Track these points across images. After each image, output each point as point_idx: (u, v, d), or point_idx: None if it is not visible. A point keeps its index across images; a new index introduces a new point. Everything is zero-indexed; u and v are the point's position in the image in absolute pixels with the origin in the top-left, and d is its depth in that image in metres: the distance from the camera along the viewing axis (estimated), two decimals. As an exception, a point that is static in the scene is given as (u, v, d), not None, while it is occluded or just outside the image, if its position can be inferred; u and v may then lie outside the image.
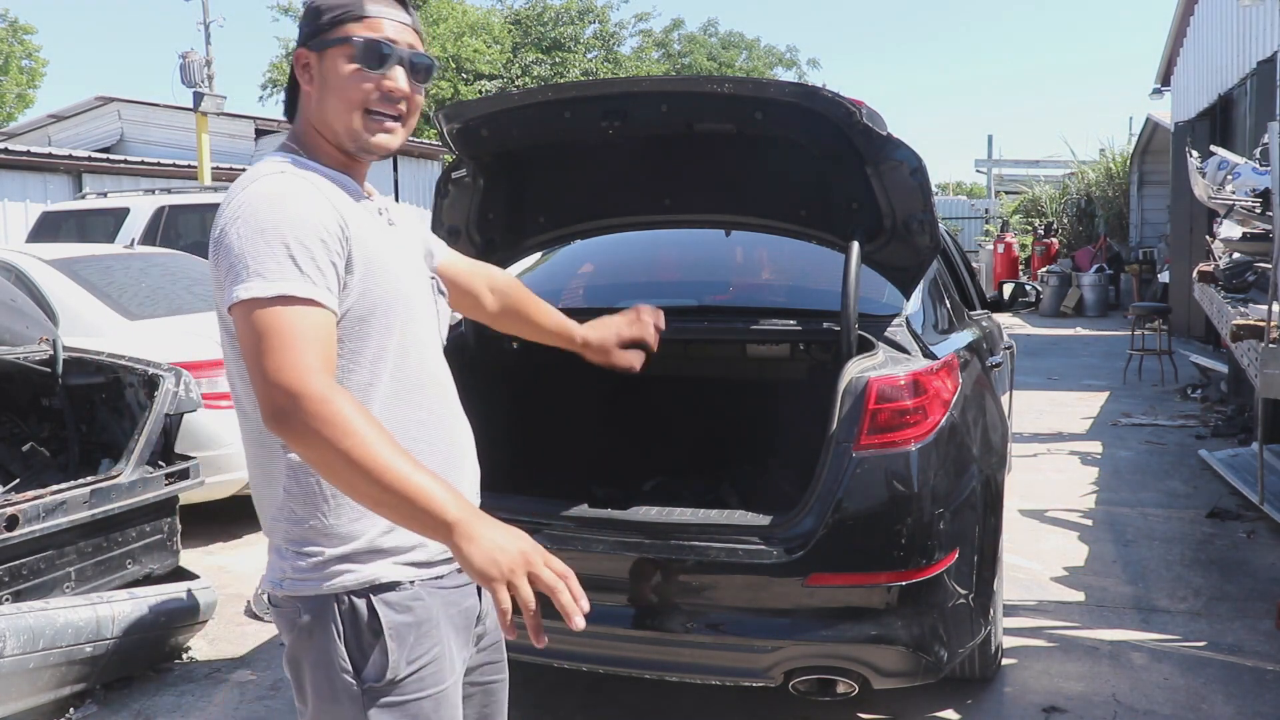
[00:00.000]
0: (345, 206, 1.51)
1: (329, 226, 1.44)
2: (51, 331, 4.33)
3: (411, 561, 1.55)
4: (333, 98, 1.54)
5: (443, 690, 1.56)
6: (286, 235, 1.40)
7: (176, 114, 16.85)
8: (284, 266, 1.38)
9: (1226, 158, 6.85)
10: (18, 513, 3.28)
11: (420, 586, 1.55)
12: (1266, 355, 4.20)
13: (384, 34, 1.53)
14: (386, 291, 1.52)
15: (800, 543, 2.64)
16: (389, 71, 1.53)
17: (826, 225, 3.18)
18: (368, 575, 1.51)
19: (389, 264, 1.54)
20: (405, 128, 1.60)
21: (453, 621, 1.61)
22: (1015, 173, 28.23)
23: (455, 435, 1.66)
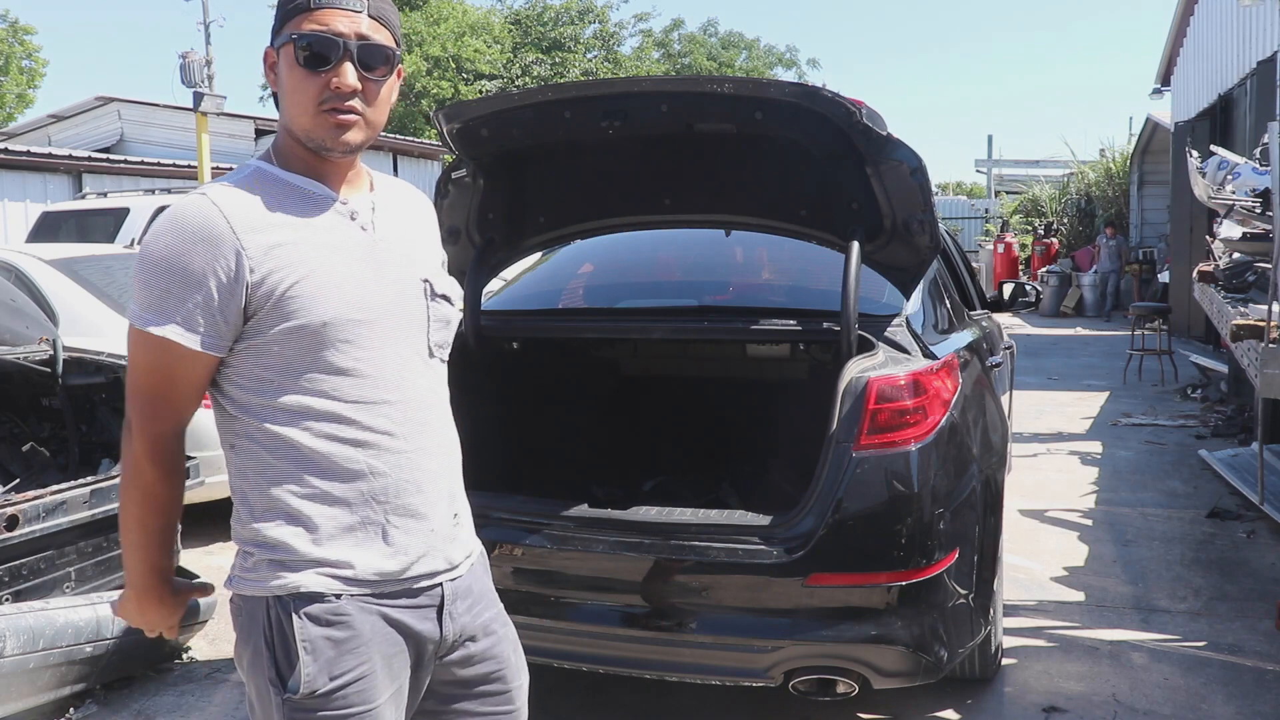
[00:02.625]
0: (269, 229, 1.46)
1: (218, 269, 1.43)
2: (51, 331, 4.33)
3: (339, 576, 1.51)
4: (287, 99, 1.51)
5: (370, 710, 1.51)
6: (171, 275, 1.43)
7: (176, 114, 16.85)
8: (154, 300, 1.44)
9: (1226, 158, 6.85)
10: (18, 513, 3.28)
11: (349, 601, 1.50)
12: (1266, 355, 4.20)
13: (329, 27, 1.46)
14: (312, 313, 1.46)
15: (800, 543, 2.64)
16: (336, 69, 1.47)
17: (826, 225, 3.18)
18: (292, 583, 1.50)
19: (326, 281, 1.48)
20: (369, 121, 1.53)
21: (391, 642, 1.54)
22: (1015, 173, 28.22)
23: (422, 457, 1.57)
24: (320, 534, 1.51)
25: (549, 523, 2.84)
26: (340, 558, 1.51)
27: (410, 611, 1.56)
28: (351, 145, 1.52)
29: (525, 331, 3.43)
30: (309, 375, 1.48)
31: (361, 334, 1.50)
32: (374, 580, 1.53)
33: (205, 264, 1.42)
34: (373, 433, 1.52)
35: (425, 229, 1.71)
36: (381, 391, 1.52)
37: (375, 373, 1.52)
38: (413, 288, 1.59)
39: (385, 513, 1.53)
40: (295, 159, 1.55)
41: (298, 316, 1.46)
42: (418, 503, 1.56)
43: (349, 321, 1.49)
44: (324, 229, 1.52)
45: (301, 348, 1.47)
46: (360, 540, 1.52)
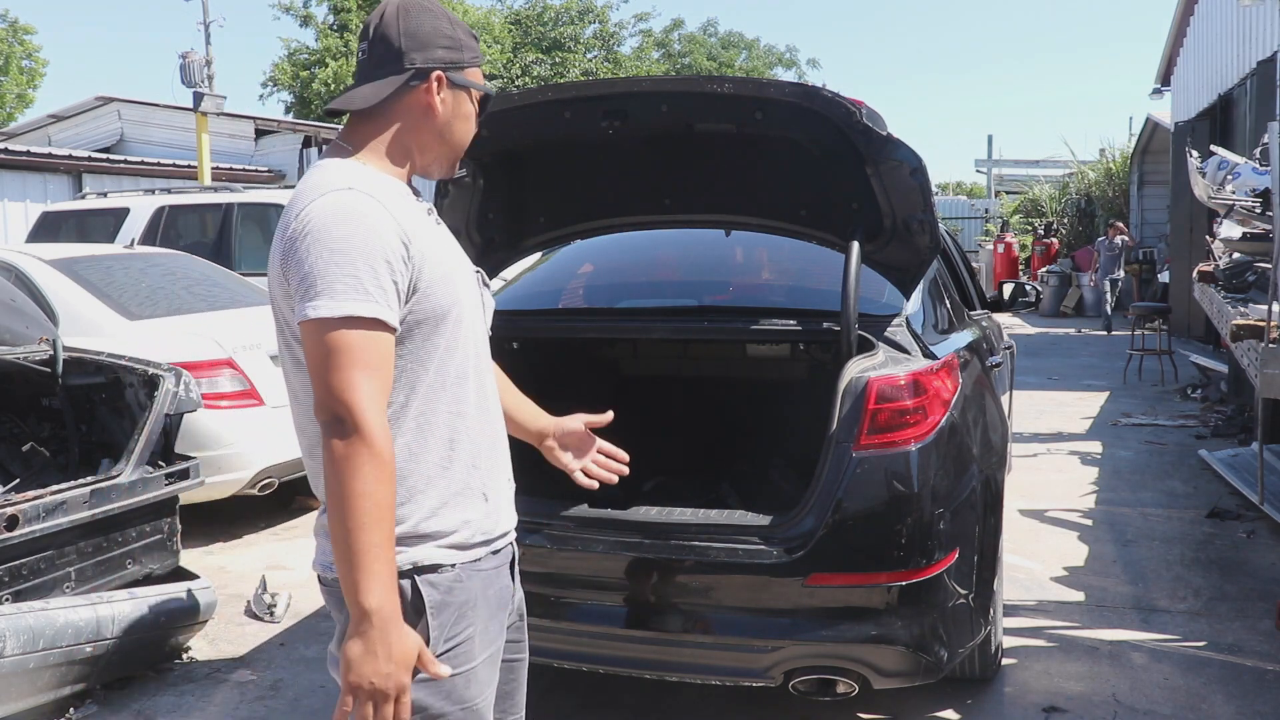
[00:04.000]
0: (408, 219, 1.59)
1: (393, 247, 1.53)
2: (51, 331, 4.33)
3: (453, 544, 1.63)
4: (462, 126, 1.71)
5: (473, 668, 1.64)
6: (355, 256, 1.49)
7: (176, 114, 16.86)
8: (351, 288, 1.48)
9: (1226, 158, 6.85)
10: (18, 513, 3.28)
11: (461, 569, 1.63)
12: (1266, 355, 4.20)
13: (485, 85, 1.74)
14: (444, 296, 1.61)
15: (800, 543, 2.64)
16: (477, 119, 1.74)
17: (826, 225, 3.18)
18: (412, 558, 1.59)
19: (445, 267, 1.63)
20: None
21: (489, 602, 1.69)
22: (1015, 173, 28.24)
23: (497, 426, 1.75)
24: (434, 505, 1.62)
25: (549, 523, 2.84)
26: (449, 526, 1.63)
27: (499, 571, 1.72)
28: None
29: (525, 331, 3.43)
30: (435, 355, 1.61)
31: (463, 314, 1.65)
32: (474, 543, 1.66)
33: (384, 243, 1.52)
34: (468, 405, 1.66)
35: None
36: (476, 365, 1.69)
37: (471, 350, 1.68)
38: (476, 276, 1.77)
39: (481, 477, 1.68)
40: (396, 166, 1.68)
41: (435, 299, 1.59)
42: (500, 465, 1.74)
43: (460, 301, 1.65)
44: (428, 223, 1.67)
45: (433, 329, 1.60)
46: (465, 505, 1.65)
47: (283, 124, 18.60)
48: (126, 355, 4.24)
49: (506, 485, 1.78)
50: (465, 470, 1.65)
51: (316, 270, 1.48)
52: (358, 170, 1.60)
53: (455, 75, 1.68)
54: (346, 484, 1.44)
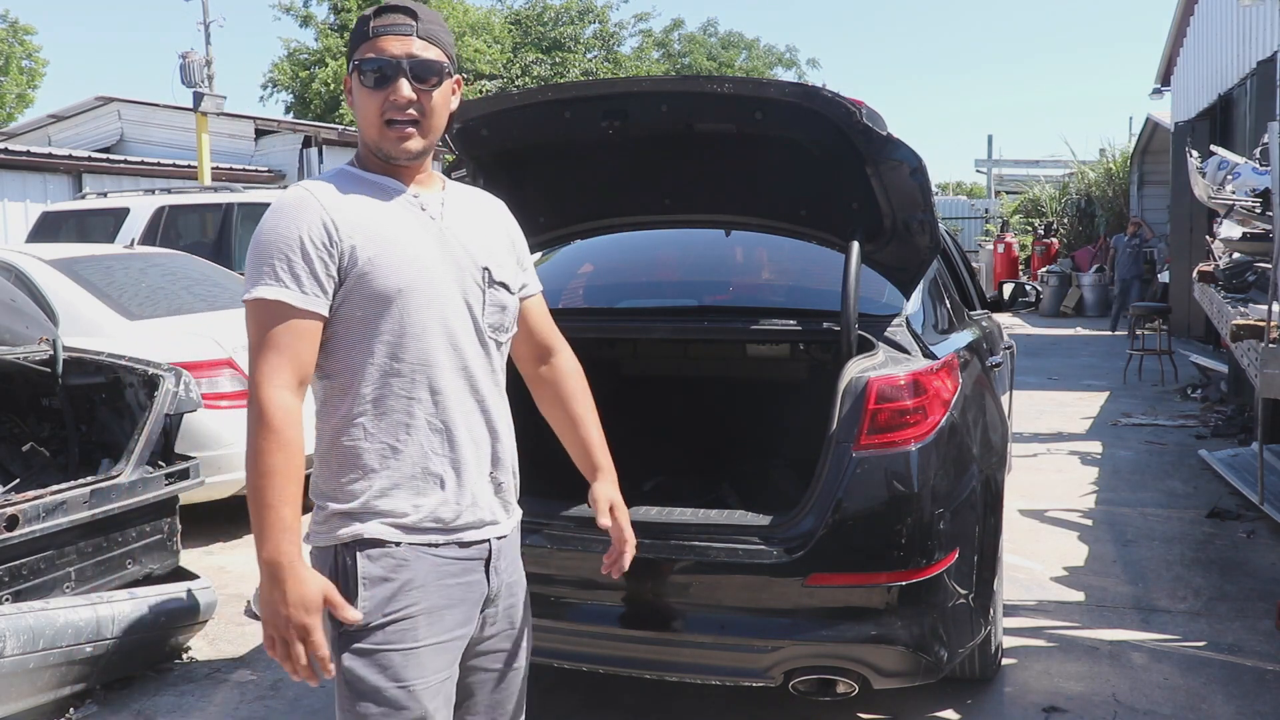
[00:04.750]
0: (349, 207, 1.69)
1: (313, 233, 1.65)
2: (51, 331, 4.33)
3: (401, 524, 1.70)
4: (359, 114, 1.76)
5: (415, 649, 1.69)
6: (271, 245, 1.66)
7: (176, 114, 16.85)
8: (264, 274, 1.64)
9: (1226, 158, 6.85)
10: (18, 513, 3.28)
11: (408, 549, 1.70)
12: (1266, 355, 4.20)
13: (386, 52, 1.71)
14: (387, 280, 1.67)
15: (800, 543, 2.64)
16: (393, 85, 1.71)
17: (826, 225, 3.18)
18: (356, 531, 1.69)
19: (400, 254, 1.69)
20: (426, 127, 1.75)
21: (445, 591, 1.73)
22: (1015, 173, 28.24)
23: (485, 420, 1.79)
24: (385, 483, 1.70)
25: (549, 522, 2.84)
26: (402, 506, 1.70)
27: (460, 563, 1.75)
28: (412, 152, 1.75)
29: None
30: (383, 337, 1.68)
31: (423, 301, 1.70)
32: (430, 528, 1.72)
33: (300, 231, 1.65)
34: (432, 391, 1.72)
35: (495, 229, 1.90)
36: (441, 356, 1.72)
37: (436, 339, 1.72)
38: (472, 271, 1.79)
39: (442, 464, 1.73)
40: (372, 164, 1.79)
41: (377, 281, 1.67)
42: (468, 456, 1.75)
43: (413, 288, 1.69)
44: (394, 211, 1.74)
45: (378, 311, 1.68)
46: (420, 489, 1.71)
47: (283, 124, 18.60)
48: (126, 355, 4.24)
49: (486, 481, 1.80)
50: (421, 455, 1.71)
51: (249, 259, 1.68)
52: (334, 170, 1.79)
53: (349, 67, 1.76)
54: (248, 449, 1.62)
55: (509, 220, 1.98)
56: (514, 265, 1.91)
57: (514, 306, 1.88)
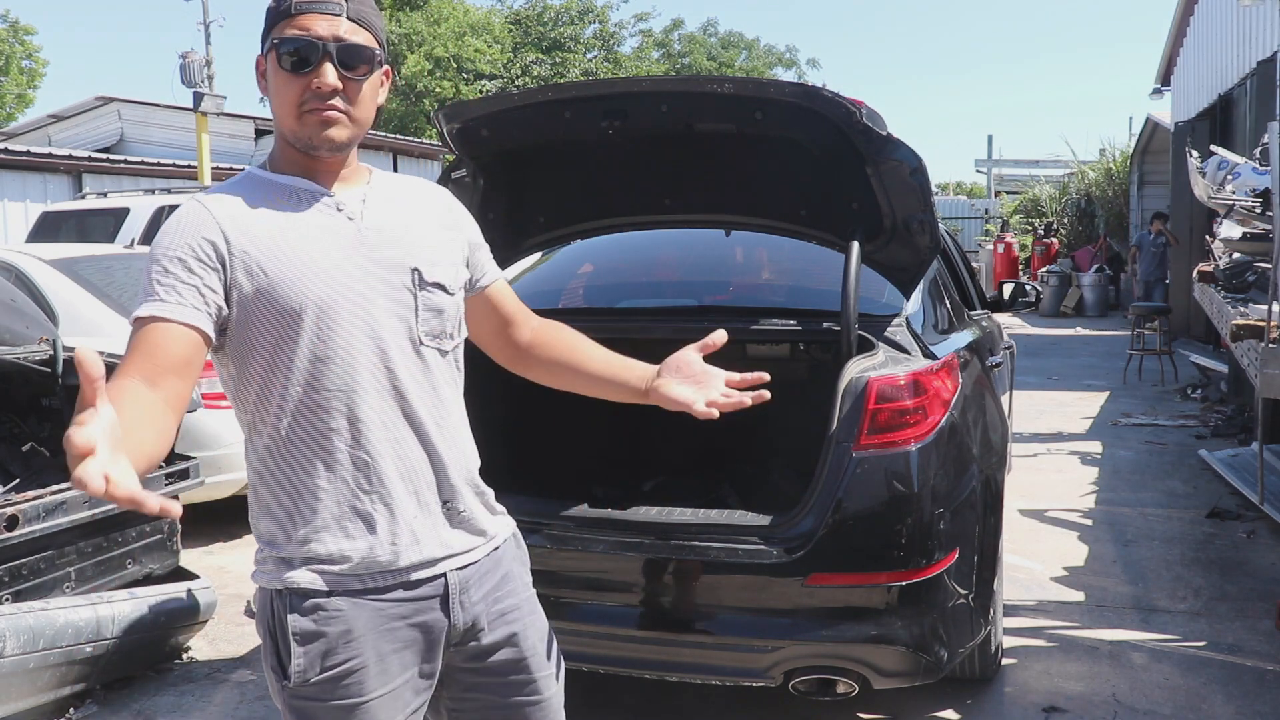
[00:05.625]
0: (250, 220, 1.51)
1: (196, 245, 1.47)
2: (51, 331, 4.33)
3: (330, 571, 1.54)
4: (274, 101, 1.55)
5: (364, 702, 1.54)
6: (153, 263, 1.48)
7: (176, 114, 16.86)
8: (145, 293, 1.47)
9: (1226, 158, 6.85)
10: (18, 513, 3.28)
11: (341, 598, 1.53)
12: (1266, 355, 4.20)
13: (310, 31, 1.50)
14: (290, 299, 1.49)
15: (800, 543, 2.64)
16: (316, 70, 1.50)
17: (826, 225, 3.18)
18: (284, 579, 1.54)
19: (305, 268, 1.50)
20: (354, 118, 1.55)
21: (393, 635, 1.56)
22: (1015, 173, 28.27)
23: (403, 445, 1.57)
24: (310, 527, 1.54)
25: (549, 523, 2.84)
26: (330, 551, 1.53)
27: (409, 604, 1.57)
28: (336, 142, 1.54)
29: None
30: (290, 363, 1.51)
31: (340, 319, 1.52)
32: (366, 573, 1.55)
33: (186, 246, 1.47)
34: (353, 420, 1.53)
35: (428, 223, 1.67)
36: (361, 378, 1.53)
37: (354, 359, 1.53)
38: (399, 275, 1.58)
39: (371, 501, 1.54)
40: (287, 162, 1.59)
41: (279, 300, 1.49)
42: (400, 490, 1.56)
43: (326, 306, 1.51)
44: (306, 219, 1.55)
45: (284, 333, 1.50)
46: (349, 530, 1.54)
47: (283, 124, 18.57)
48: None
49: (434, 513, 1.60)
50: (347, 493, 1.54)
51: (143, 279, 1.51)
52: (240, 175, 1.62)
53: (263, 47, 1.55)
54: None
55: (450, 209, 1.74)
56: (453, 261, 1.67)
57: (455, 308, 1.65)
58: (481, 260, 1.76)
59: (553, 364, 1.85)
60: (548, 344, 1.85)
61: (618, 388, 1.82)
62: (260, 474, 1.56)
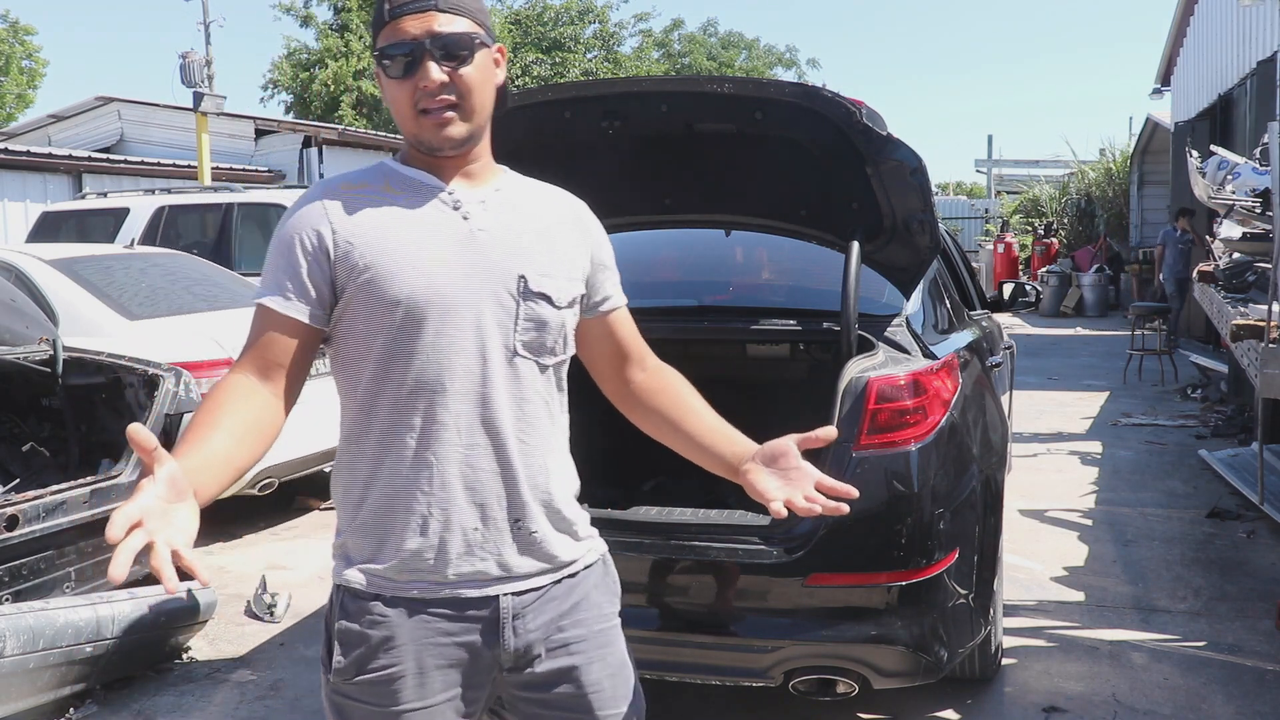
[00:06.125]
0: (359, 210, 1.53)
1: (305, 236, 1.51)
2: (51, 331, 4.33)
3: (374, 572, 1.53)
4: (392, 109, 1.57)
5: (398, 712, 1.52)
6: (271, 250, 1.55)
7: (176, 114, 16.84)
8: (264, 280, 1.55)
9: (1226, 158, 6.85)
10: (18, 513, 3.28)
11: (386, 604, 1.52)
12: (1266, 355, 4.20)
13: (407, 35, 1.50)
14: (387, 291, 1.49)
15: (800, 543, 2.64)
16: (420, 70, 1.50)
17: (826, 225, 3.18)
18: (342, 574, 1.56)
19: (406, 261, 1.50)
20: (465, 111, 1.53)
21: (437, 651, 1.53)
22: (1015, 173, 28.26)
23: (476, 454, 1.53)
24: (369, 521, 1.53)
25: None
26: (383, 554, 1.52)
27: (456, 622, 1.54)
28: (455, 140, 1.54)
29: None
30: (378, 355, 1.51)
31: (431, 317, 1.50)
32: (411, 579, 1.52)
33: (297, 236, 1.52)
34: (429, 420, 1.51)
35: (551, 230, 1.63)
36: (444, 379, 1.51)
37: (441, 359, 1.51)
38: (504, 280, 1.54)
39: (428, 504, 1.51)
40: (415, 158, 1.60)
41: (376, 292, 1.49)
42: (462, 498, 1.52)
43: (420, 302, 1.50)
44: (418, 214, 1.55)
45: (378, 325, 1.50)
46: (402, 530, 1.52)
47: (283, 124, 18.59)
48: (126, 355, 4.24)
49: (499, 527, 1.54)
50: (406, 491, 1.51)
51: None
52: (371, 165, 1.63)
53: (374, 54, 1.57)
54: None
55: (578, 222, 1.70)
56: (569, 276, 1.61)
57: (559, 323, 1.59)
58: (604, 283, 1.71)
59: (656, 414, 1.77)
60: (658, 391, 1.77)
61: (713, 458, 1.72)
62: (339, 459, 1.58)
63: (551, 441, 1.62)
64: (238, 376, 1.50)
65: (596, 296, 1.69)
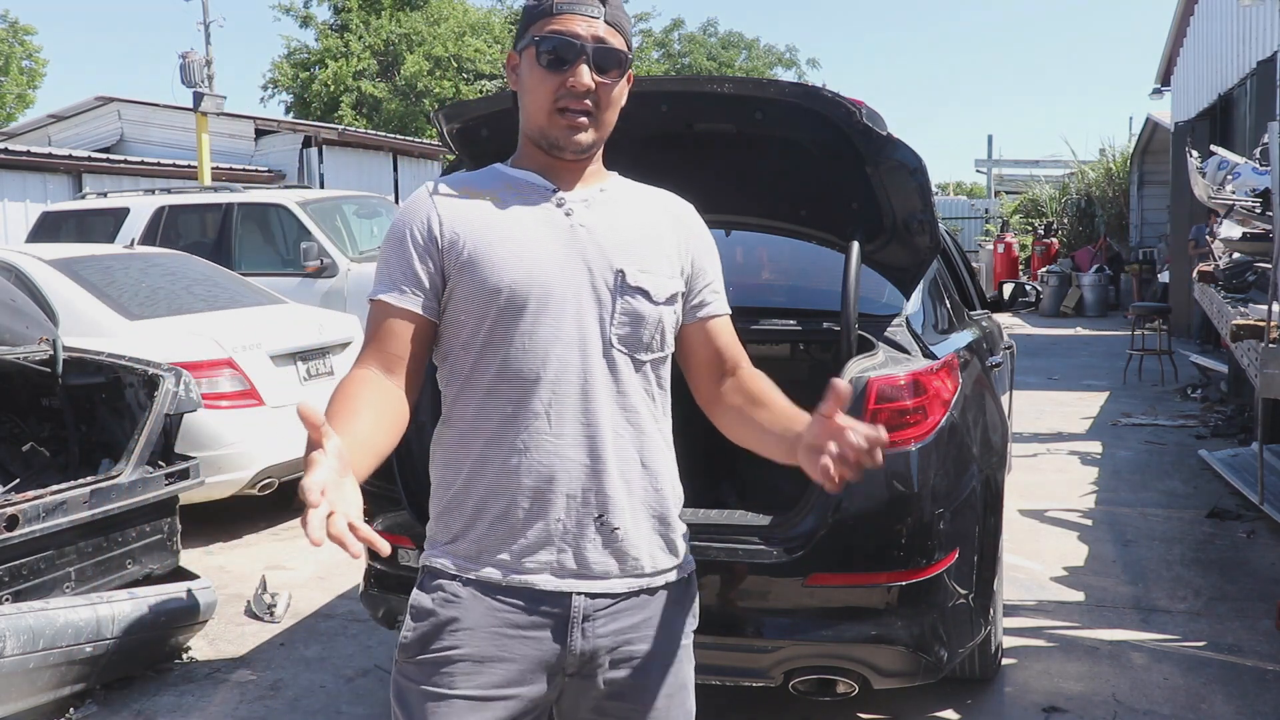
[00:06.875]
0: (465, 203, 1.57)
1: (419, 229, 1.56)
2: (51, 331, 4.33)
3: (455, 552, 1.56)
4: (527, 98, 1.59)
5: (447, 696, 1.50)
6: (385, 245, 1.60)
7: (176, 114, 16.84)
8: (379, 274, 1.58)
9: (1226, 158, 6.86)
10: (18, 513, 3.28)
11: (462, 585, 1.54)
12: (1266, 355, 4.20)
13: (571, 32, 1.53)
14: (487, 279, 1.52)
15: (800, 543, 2.64)
16: (574, 69, 1.53)
17: (826, 225, 3.18)
18: (428, 558, 1.59)
19: (507, 251, 1.53)
20: (598, 122, 1.58)
21: (499, 642, 1.52)
22: (1015, 173, 28.25)
23: (566, 446, 1.52)
24: (453, 505, 1.56)
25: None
26: (464, 536, 1.55)
27: (526, 615, 1.53)
28: (583, 145, 1.58)
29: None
30: (477, 344, 1.54)
31: (530, 308, 1.52)
32: (491, 563, 1.54)
33: (408, 230, 1.57)
34: (522, 410, 1.52)
35: (651, 229, 1.64)
36: (539, 369, 1.52)
37: (537, 349, 1.52)
38: (603, 274, 1.56)
39: (515, 491, 1.52)
40: (527, 157, 1.63)
41: (476, 280, 1.53)
42: (547, 490, 1.52)
43: (520, 293, 1.52)
44: (521, 209, 1.58)
45: (478, 313, 1.53)
46: (485, 518, 1.54)
47: (283, 124, 18.60)
48: (126, 355, 4.24)
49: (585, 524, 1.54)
50: (495, 482, 1.52)
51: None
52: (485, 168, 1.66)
53: (519, 44, 1.60)
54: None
55: (682, 223, 1.71)
56: (668, 273, 1.61)
57: (657, 318, 1.58)
58: (702, 287, 1.69)
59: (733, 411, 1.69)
60: (737, 390, 1.70)
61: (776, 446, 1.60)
62: (435, 445, 1.61)
63: (649, 441, 1.61)
64: (364, 371, 1.52)
65: (694, 299, 1.69)
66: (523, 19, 1.60)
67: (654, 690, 1.62)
